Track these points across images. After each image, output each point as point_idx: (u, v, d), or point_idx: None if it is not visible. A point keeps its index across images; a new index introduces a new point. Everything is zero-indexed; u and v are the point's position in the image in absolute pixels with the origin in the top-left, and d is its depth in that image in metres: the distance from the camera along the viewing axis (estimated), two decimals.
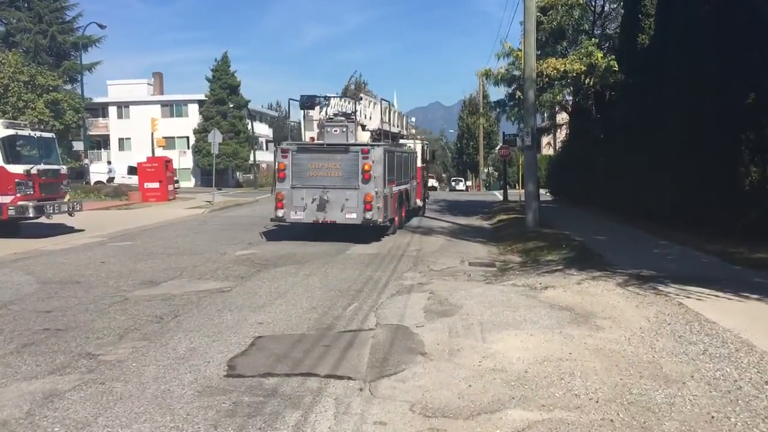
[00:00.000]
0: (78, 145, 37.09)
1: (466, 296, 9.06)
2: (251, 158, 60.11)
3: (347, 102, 18.30)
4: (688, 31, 13.34)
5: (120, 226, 19.27)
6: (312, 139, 17.91)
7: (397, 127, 21.21)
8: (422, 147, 23.22)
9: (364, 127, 18.20)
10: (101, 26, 54.46)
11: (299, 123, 18.37)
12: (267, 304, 8.80)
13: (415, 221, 21.11)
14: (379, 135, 18.67)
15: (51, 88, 32.64)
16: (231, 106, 59.84)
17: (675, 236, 13.96)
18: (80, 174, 39.12)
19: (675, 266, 10.69)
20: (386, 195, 16.05)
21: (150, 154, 38.97)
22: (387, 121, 19.42)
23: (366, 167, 15.72)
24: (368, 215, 15.70)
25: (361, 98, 18.66)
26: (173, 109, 65.17)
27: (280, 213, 16.27)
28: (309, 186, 16.05)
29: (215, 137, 27.99)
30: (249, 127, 60.88)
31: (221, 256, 13.34)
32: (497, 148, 38.21)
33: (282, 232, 17.39)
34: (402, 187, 18.52)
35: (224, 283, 10.47)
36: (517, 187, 31.93)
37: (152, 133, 41.57)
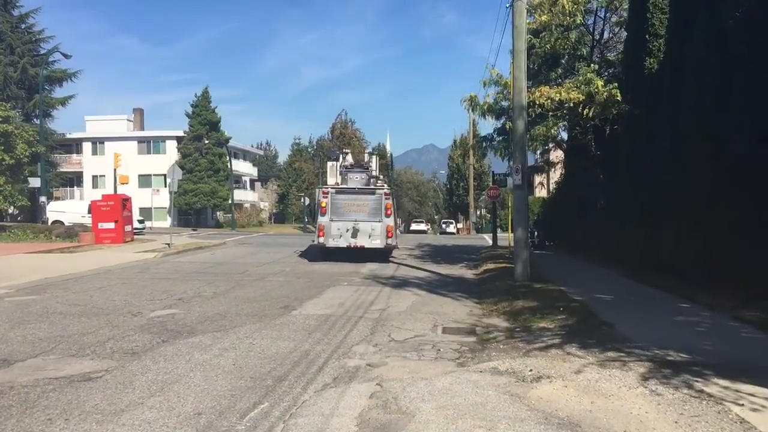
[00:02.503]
0: (34, 182, 34.56)
1: (426, 393, 6.44)
2: (231, 197, 57.64)
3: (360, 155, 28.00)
4: (714, 46, 10.92)
5: (41, 275, 16.86)
6: (336, 183, 24.38)
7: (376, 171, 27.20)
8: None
9: (370, 174, 24.72)
10: (66, 56, 52.75)
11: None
12: (132, 407, 6.11)
13: (390, 269, 20.27)
14: (375, 180, 24.66)
15: (1, 120, 30.21)
16: (210, 142, 57.80)
17: (700, 297, 11.41)
18: (35, 213, 36.52)
19: (710, 345, 8.09)
20: (397, 226, 22.37)
21: (122, 192, 36.86)
22: (376, 168, 26.50)
23: (388, 205, 22.19)
24: (389, 241, 22.23)
25: (370, 153, 28.64)
26: (150, 145, 63.60)
27: (321, 240, 22.15)
28: (344, 219, 22.02)
29: (174, 174, 26.24)
30: (230, 165, 58.65)
31: (130, 318, 11.01)
32: (487, 189, 36.14)
33: (231, 280, 16.28)
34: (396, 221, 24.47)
35: (102, 363, 7.84)
36: (509, 230, 30.15)
37: (115, 170, 39.29)
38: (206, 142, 56.99)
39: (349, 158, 27.89)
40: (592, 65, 19.71)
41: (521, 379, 6.88)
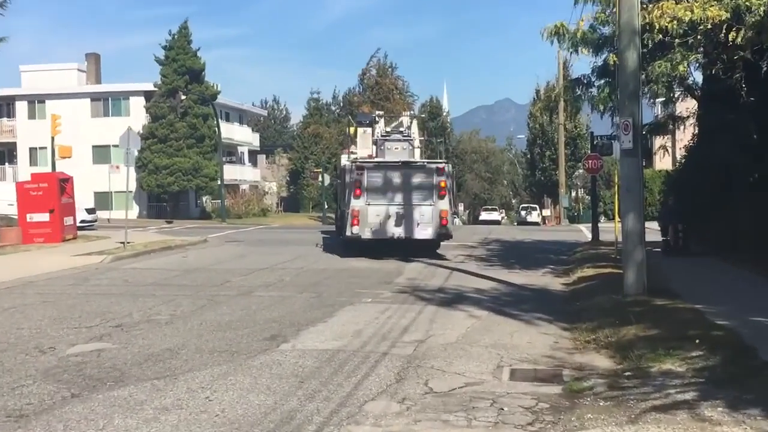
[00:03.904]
0: None
1: None
2: (220, 176, 58.14)
3: (393, 119, 29.17)
4: None
5: None
6: (370, 156, 26.61)
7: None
8: None
9: (413, 144, 26.82)
10: None
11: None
12: None
13: (437, 277, 20.69)
14: (420, 150, 27.76)
15: None
16: (191, 99, 57.89)
17: None
18: None
19: None
20: (453, 211, 24.51)
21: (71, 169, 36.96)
22: (422, 136, 30.29)
23: (442, 184, 23.71)
24: (443, 230, 23.96)
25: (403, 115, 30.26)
26: (109, 105, 64.10)
27: (355, 230, 23.57)
28: (384, 203, 23.73)
29: (129, 141, 26.33)
30: (218, 130, 59.11)
31: (35, 357, 10.70)
32: (584, 159, 35.46)
33: (202, 296, 16.46)
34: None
35: None
36: (615, 218, 29.50)
37: (53, 138, 39.40)
38: (184, 98, 56.84)
39: (382, 124, 28.85)
40: None
41: None
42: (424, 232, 23.91)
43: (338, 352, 10.86)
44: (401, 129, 28.07)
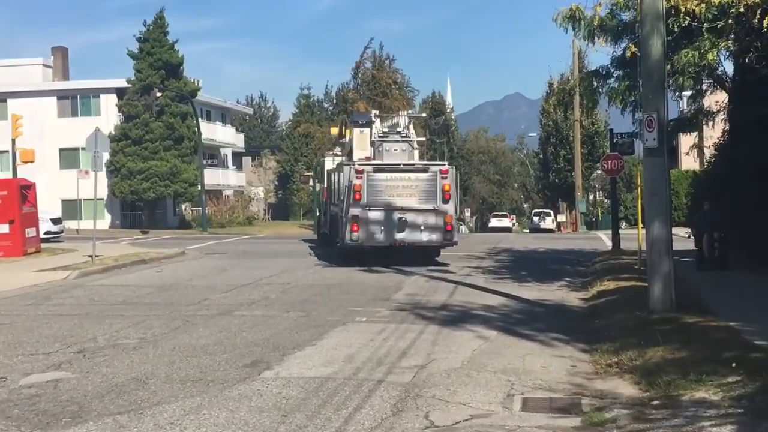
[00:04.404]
0: None
1: None
2: (201, 181, 58.31)
3: (388, 118, 29.94)
4: None
5: None
6: (367, 158, 27.02)
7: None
8: None
9: (412, 145, 27.83)
10: None
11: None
12: None
13: (441, 292, 20.73)
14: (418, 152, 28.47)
15: None
16: (167, 96, 58.20)
17: None
18: None
19: None
20: (459, 217, 28.73)
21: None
22: (424, 136, 31.76)
23: (446, 187, 24.79)
24: (448, 236, 25.02)
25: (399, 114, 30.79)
26: (78, 103, 64.05)
27: (355, 236, 24.56)
28: (385, 207, 24.75)
29: (97, 143, 26.28)
30: (198, 130, 59.30)
31: None
32: (602, 160, 35.37)
33: (176, 316, 16.47)
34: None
35: None
36: (638, 225, 29.46)
37: (13, 141, 39.30)
38: (160, 95, 56.54)
39: (378, 124, 29.33)
40: None
41: None
42: (428, 237, 25.00)
43: (327, 380, 10.78)
44: (399, 129, 28.81)
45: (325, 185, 34.35)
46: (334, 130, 39.04)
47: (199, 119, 61.61)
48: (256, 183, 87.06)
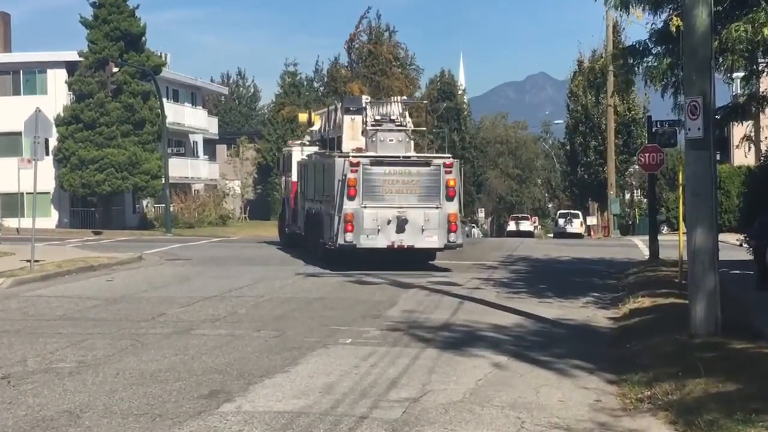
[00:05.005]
0: None
1: None
2: (165, 173, 58.16)
3: (383, 106, 29.69)
4: None
5: None
6: (359, 149, 27.44)
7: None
8: None
9: (409, 135, 28.79)
10: None
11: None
12: None
13: (442, 309, 20.68)
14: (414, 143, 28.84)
15: None
16: (126, 72, 58.04)
17: None
18: None
19: None
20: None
21: None
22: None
23: (451, 183, 25.53)
24: (452, 237, 25.68)
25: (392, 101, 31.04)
26: (21, 80, 64.09)
27: (348, 237, 25.06)
28: (383, 205, 25.42)
29: (37, 127, 25.99)
30: (162, 112, 59.14)
31: None
32: (638, 152, 35.10)
33: (125, 334, 16.50)
34: None
35: None
36: (679, 230, 29.22)
37: None
38: (117, 70, 56.04)
39: (369, 111, 29.67)
40: None
41: None
42: (430, 239, 25.88)
43: (299, 415, 10.59)
44: (393, 117, 29.24)
45: (294, 178, 34.41)
46: (303, 117, 39.50)
47: (164, 100, 61.39)
48: (232, 176, 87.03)
